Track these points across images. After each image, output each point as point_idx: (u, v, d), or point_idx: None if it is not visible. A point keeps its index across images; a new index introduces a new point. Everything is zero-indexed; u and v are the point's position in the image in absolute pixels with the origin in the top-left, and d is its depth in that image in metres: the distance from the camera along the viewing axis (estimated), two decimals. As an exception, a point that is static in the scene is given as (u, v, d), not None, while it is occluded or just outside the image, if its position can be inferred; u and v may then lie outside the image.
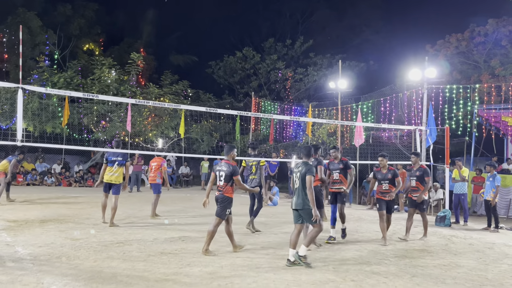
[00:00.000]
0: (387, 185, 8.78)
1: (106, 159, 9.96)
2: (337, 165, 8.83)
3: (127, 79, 22.79)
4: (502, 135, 19.25)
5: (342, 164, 8.83)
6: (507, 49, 22.73)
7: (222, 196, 7.23)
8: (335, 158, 8.88)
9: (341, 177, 8.78)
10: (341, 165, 8.81)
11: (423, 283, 5.89)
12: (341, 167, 8.79)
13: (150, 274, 5.82)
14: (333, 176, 8.83)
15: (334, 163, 8.89)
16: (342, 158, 8.90)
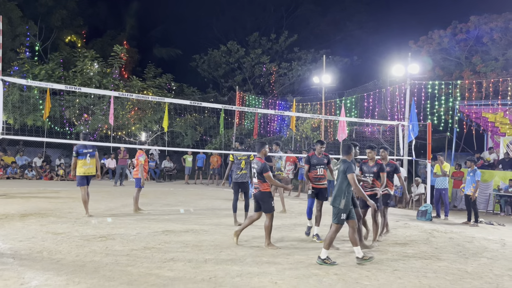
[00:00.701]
0: (371, 178, 8.36)
1: (76, 152, 9.94)
2: (322, 160, 8.55)
3: (110, 72, 22.57)
4: (482, 130, 19.58)
5: (327, 159, 8.58)
6: (488, 46, 23.05)
7: (260, 193, 7.42)
8: (319, 153, 8.56)
9: (326, 172, 8.56)
10: (326, 160, 8.55)
11: (405, 276, 5.97)
12: (325, 162, 8.54)
13: (133, 268, 5.78)
14: (317, 172, 8.48)
15: (318, 157, 8.58)
16: (324, 153, 8.63)
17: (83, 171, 9.84)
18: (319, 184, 8.49)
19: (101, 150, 23.29)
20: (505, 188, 14.95)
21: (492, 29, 22.44)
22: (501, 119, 17.73)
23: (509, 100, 16.92)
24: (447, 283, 5.73)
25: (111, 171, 21.19)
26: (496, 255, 7.66)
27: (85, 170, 9.84)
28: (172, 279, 5.41)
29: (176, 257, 6.45)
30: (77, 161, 9.92)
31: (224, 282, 5.36)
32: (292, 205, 13.82)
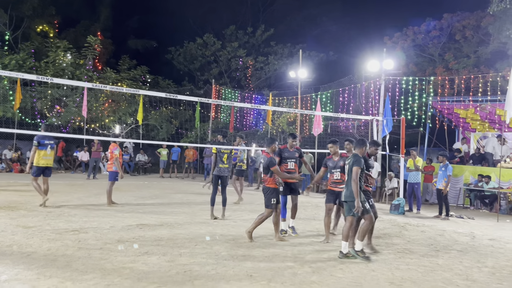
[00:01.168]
0: (339, 173, 7.74)
1: (38, 142, 9.93)
2: (293, 153, 8.31)
3: (83, 63, 22.14)
4: (454, 126, 19.98)
5: (298, 152, 8.37)
6: (461, 44, 23.53)
7: (264, 188, 7.60)
8: (291, 147, 8.33)
9: (297, 167, 8.35)
10: (297, 154, 8.33)
11: (378, 268, 6.05)
12: (297, 156, 8.32)
13: (106, 262, 5.70)
14: (287, 165, 8.23)
15: (289, 150, 8.33)
16: (296, 147, 8.44)
17: (42, 162, 9.89)
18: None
19: (74, 142, 22.89)
20: (475, 183, 15.31)
21: (465, 27, 22.91)
22: (472, 115, 18.10)
23: (480, 97, 17.30)
24: (419, 275, 5.84)
25: (84, 164, 20.85)
26: (466, 248, 7.85)
27: (45, 161, 9.89)
28: (146, 272, 5.35)
29: (151, 251, 6.39)
30: (37, 151, 9.92)
31: (199, 275, 5.34)
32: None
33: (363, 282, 5.38)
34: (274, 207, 7.46)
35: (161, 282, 5.03)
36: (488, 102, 16.87)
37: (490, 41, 22.18)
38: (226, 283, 5.08)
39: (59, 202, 10.72)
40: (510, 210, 14.37)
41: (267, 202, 7.45)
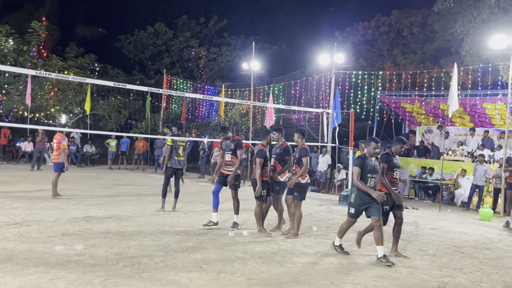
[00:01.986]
0: (272, 160, 7.64)
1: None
2: (229, 145, 8.01)
3: (27, 50, 21.13)
4: (401, 120, 20.66)
5: (233, 144, 7.98)
6: (408, 40, 24.30)
7: (252, 179, 7.70)
8: (227, 138, 8.03)
9: (233, 158, 7.94)
10: (232, 145, 7.96)
11: (326, 258, 6.18)
12: (232, 148, 7.95)
13: (50, 256, 5.49)
14: (225, 157, 7.97)
15: (226, 142, 8.03)
16: (234, 137, 8.10)
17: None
18: (226, 170, 7.97)
19: (17, 132, 21.89)
20: (419, 174, 15.91)
21: (412, 24, 23.66)
22: (418, 109, 18.80)
23: (425, 92, 17.97)
24: (364, 263, 6.01)
25: (28, 155, 20.01)
26: (409, 237, 8.14)
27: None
28: (92, 265, 5.21)
29: (98, 244, 6.22)
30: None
31: (148, 267, 5.25)
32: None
33: (311, 272, 5.47)
34: (263, 199, 7.46)
35: (108, 275, 4.91)
36: (432, 97, 17.56)
37: (436, 38, 23.03)
38: (175, 275, 5.03)
39: (1, 195, 10.24)
40: (451, 201, 15.04)
41: (255, 194, 7.40)
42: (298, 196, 7.43)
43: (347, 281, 5.17)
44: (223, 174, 8.03)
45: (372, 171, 6.22)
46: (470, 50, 16.63)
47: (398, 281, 5.32)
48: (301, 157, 7.41)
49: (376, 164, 6.28)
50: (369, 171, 6.19)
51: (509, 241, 8.45)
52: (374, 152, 6.26)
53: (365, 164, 6.18)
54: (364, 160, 6.21)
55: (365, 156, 6.28)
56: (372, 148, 6.25)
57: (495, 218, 11.59)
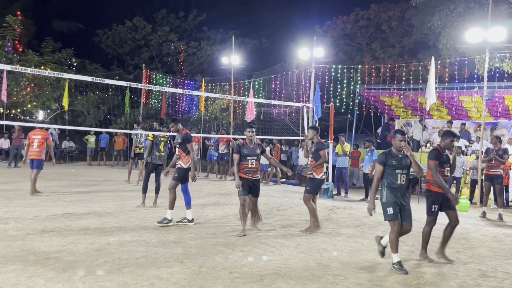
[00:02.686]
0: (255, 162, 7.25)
1: None
2: (177, 139, 7.96)
3: (2, 44, 20.67)
4: (380, 113, 20.87)
5: (180, 137, 7.84)
6: (387, 34, 24.51)
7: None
8: (177, 131, 7.99)
9: (180, 152, 7.80)
10: (180, 139, 7.84)
11: (307, 250, 6.23)
12: (180, 142, 7.82)
13: (28, 254, 5.42)
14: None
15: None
16: (183, 131, 7.94)
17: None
18: (178, 164, 7.85)
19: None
20: (398, 167, 16.11)
21: (390, 18, 23.87)
22: (397, 103, 19.01)
23: (403, 85, 18.18)
24: (345, 255, 6.08)
25: (4, 152, 19.64)
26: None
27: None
28: (72, 262, 5.16)
29: (77, 240, 6.16)
30: None
31: (128, 263, 5.22)
32: (200, 185, 13.78)
33: (292, 264, 5.51)
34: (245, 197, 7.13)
35: (88, 271, 4.87)
36: (411, 90, 17.77)
37: (414, 32, 23.30)
38: (156, 270, 5.01)
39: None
40: (429, 192, 15.28)
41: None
42: (310, 190, 7.64)
43: (327, 273, 5.23)
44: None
45: (401, 167, 5.65)
46: (447, 44, 16.88)
47: (378, 272, 5.41)
48: (319, 150, 7.65)
49: (406, 159, 5.68)
50: (397, 167, 5.65)
51: (485, 231, 8.64)
52: (400, 146, 5.66)
53: (390, 159, 5.66)
54: (388, 156, 5.69)
55: (390, 151, 5.76)
56: (398, 140, 5.67)
57: (471, 209, 11.82)
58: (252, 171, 7.19)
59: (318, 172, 7.62)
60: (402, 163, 5.67)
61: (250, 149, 7.22)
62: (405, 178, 5.64)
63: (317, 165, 7.58)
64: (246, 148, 7.25)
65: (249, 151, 7.20)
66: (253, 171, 7.19)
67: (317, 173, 7.62)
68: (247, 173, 7.18)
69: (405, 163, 5.67)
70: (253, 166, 7.19)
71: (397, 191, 5.66)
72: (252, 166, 7.18)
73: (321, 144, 7.74)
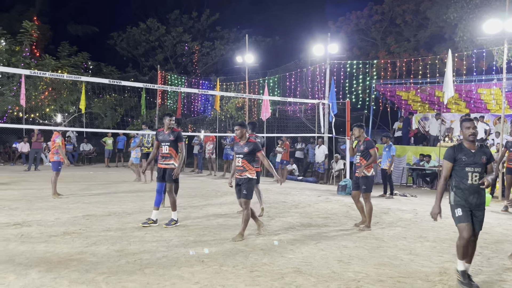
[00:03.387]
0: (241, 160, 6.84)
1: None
2: (167, 137, 7.50)
3: (20, 50, 20.98)
4: (396, 108, 20.67)
5: (173, 135, 7.50)
6: (401, 28, 24.25)
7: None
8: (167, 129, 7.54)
9: (171, 150, 7.49)
10: (171, 137, 7.47)
11: (327, 248, 6.20)
12: (172, 139, 7.46)
13: (52, 255, 5.49)
14: (162, 149, 7.50)
15: (164, 133, 7.54)
16: (174, 129, 7.56)
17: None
18: (163, 163, 7.52)
19: (14, 133, 21.83)
20: (417, 162, 15.96)
21: (405, 11, 23.60)
22: (413, 97, 18.82)
23: (420, 79, 17.98)
24: (365, 252, 6.03)
25: (24, 156, 19.94)
26: (409, 224, 8.18)
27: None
28: (94, 263, 5.22)
29: (99, 242, 6.23)
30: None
31: (150, 263, 5.26)
32: (218, 184, 13.84)
33: (312, 261, 5.49)
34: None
35: (111, 272, 4.92)
36: (427, 84, 17.57)
37: (429, 25, 23.00)
38: (177, 270, 5.04)
39: (0, 196, 10.24)
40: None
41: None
42: (367, 189, 7.75)
43: (348, 270, 5.20)
44: (160, 168, 7.55)
45: (473, 164, 4.74)
46: (464, 36, 16.64)
47: (399, 268, 5.35)
48: (368, 148, 7.75)
49: (481, 155, 4.77)
50: (468, 164, 4.75)
51: (507, 225, 8.50)
52: (470, 134, 4.76)
53: (459, 154, 4.79)
54: (458, 150, 4.82)
55: (460, 144, 4.88)
56: (465, 128, 4.80)
57: (493, 203, 11.65)
58: (239, 170, 6.78)
59: (368, 170, 7.73)
60: (474, 159, 4.75)
61: (239, 146, 6.88)
62: (477, 177, 4.72)
63: (368, 164, 7.69)
64: (236, 145, 6.97)
65: (237, 149, 6.88)
66: (240, 170, 6.76)
67: (368, 171, 7.73)
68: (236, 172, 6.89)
69: (478, 159, 4.74)
70: (239, 164, 6.78)
71: (467, 192, 4.78)
72: (239, 164, 6.78)
73: (370, 142, 7.85)
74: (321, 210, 9.50)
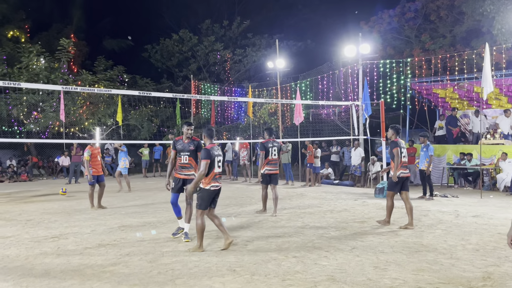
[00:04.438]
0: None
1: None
2: (187, 146, 7.16)
3: (58, 67, 21.69)
4: (434, 106, 20.07)
5: (193, 145, 7.17)
6: (436, 24, 23.60)
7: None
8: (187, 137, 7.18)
9: (191, 160, 7.15)
10: (192, 146, 7.14)
11: (363, 253, 6.01)
12: (192, 149, 7.14)
13: (86, 268, 5.55)
14: (181, 159, 7.18)
15: (183, 142, 7.21)
16: (193, 138, 7.25)
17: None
18: (183, 174, 7.21)
19: (55, 148, 22.54)
20: (457, 161, 15.40)
21: (439, 7, 22.96)
22: (451, 94, 18.21)
23: (457, 75, 17.39)
24: (403, 257, 5.81)
25: (65, 169, 20.53)
26: (450, 226, 7.86)
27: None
28: (127, 275, 5.23)
29: (132, 252, 6.26)
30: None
31: (181, 273, 5.23)
32: (253, 191, 13.78)
33: (347, 268, 5.32)
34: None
35: (142, 283, 4.91)
36: (465, 80, 16.97)
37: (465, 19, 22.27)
38: (208, 279, 4.99)
39: (41, 210, 10.51)
40: (493, 186, 14.49)
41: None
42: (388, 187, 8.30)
43: (385, 277, 5.00)
44: (178, 179, 7.24)
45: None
46: (502, 28, 16.03)
47: (439, 273, 5.11)
48: (391, 149, 8.07)
49: None
50: None
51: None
52: None
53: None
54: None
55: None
56: None
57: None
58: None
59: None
60: None
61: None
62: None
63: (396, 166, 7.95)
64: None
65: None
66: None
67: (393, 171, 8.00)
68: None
69: None
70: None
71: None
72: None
73: (393, 143, 8.04)
74: (357, 215, 9.28)
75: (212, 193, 6.30)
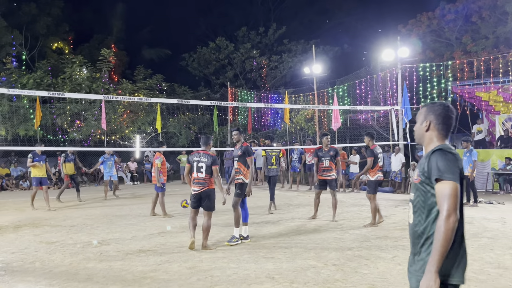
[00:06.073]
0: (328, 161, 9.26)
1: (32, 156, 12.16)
2: (236, 151, 7.47)
3: (99, 76, 22.34)
4: (477, 110, 19.46)
5: (241, 150, 7.39)
6: (477, 25, 22.93)
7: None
8: (237, 141, 7.59)
9: (240, 165, 7.39)
10: (239, 152, 7.38)
11: (405, 262, 5.82)
12: (239, 154, 7.37)
13: (127, 273, 5.65)
14: (234, 165, 7.56)
15: (234, 148, 7.68)
16: (243, 144, 7.48)
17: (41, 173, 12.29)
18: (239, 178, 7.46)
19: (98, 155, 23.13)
20: (503, 166, 14.85)
21: (481, 7, 22.30)
22: (495, 97, 17.62)
23: (501, 78, 16.81)
24: (447, 266, 5.61)
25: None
26: (496, 234, 7.57)
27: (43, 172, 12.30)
28: (166, 281, 5.28)
29: (172, 259, 6.33)
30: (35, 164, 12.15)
31: (220, 280, 5.24)
32: (290, 197, 13.71)
33: (389, 277, 5.20)
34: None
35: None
36: (510, 83, 16.39)
37: (508, 20, 21.53)
38: (247, 287, 4.97)
39: (84, 216, 10.80)
40: (542, 192, 13.89)
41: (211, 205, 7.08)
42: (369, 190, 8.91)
43: (428, 286, 4.84)
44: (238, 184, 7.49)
45: None
46: (548, 28, 15.37)
47: (485, 283, 4.92)
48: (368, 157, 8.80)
49: None
50: None
51: None
52: None
53: None
54: None
55: None
56: None
57: None
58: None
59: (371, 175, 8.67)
60: None
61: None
62: None
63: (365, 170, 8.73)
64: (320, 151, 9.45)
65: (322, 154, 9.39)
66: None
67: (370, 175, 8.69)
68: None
69: None
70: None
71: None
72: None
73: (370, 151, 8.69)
74: (398, 222, 9.07)
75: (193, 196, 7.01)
